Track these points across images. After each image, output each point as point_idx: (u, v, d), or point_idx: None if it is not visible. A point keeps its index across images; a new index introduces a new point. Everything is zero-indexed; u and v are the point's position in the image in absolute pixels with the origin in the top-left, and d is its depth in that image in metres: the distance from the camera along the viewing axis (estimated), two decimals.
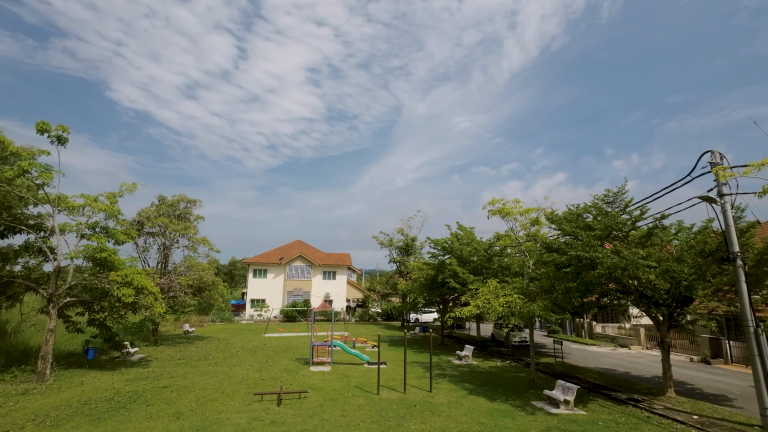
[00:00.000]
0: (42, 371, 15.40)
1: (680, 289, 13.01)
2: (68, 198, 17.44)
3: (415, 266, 29.46)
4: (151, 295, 17.52)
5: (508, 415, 12.09)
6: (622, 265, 11.51)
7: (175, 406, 12.48)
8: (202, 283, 25.83)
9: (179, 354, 22.36)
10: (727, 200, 12.37)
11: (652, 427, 11.25)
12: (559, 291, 14.10)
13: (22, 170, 14.67)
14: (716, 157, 12.73)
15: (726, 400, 14.62)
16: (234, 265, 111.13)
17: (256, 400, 13.16)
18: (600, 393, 15.09)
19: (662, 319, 14.22)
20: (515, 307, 14.50)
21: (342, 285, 50.92)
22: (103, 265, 17.27)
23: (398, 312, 44.46)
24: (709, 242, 13.55)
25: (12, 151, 15.05)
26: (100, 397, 13.38)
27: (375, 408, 12.46)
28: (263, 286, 48.68)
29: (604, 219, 13.37)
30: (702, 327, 24.35)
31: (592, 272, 12.08)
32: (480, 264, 23.92)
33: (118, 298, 16.70)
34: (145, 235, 25.84)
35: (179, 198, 27.34)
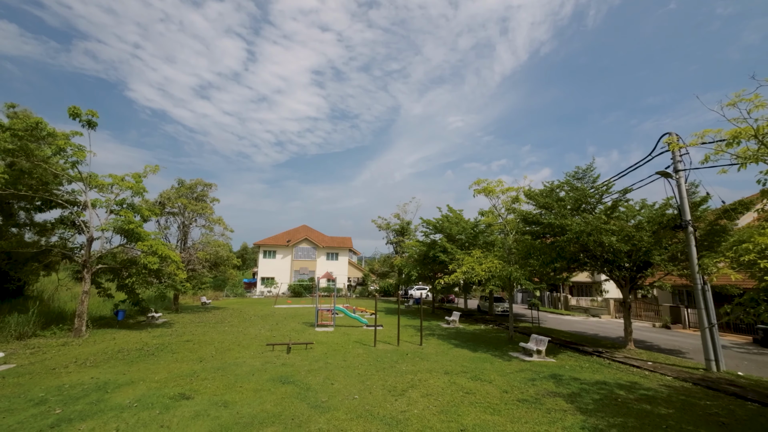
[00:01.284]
0: (79, 327, 16.00)
1: (640, 254, 13.63)
2: (98, 176, 17.90)
3: (409, 245, 30.08)
4: (174, 263, 18.08)
5: (487, 361, 12.79)
6: (588, 230, 12.09)
7: (198, 353, 13.13)
8: (218, 258, 26.39)
9: (198, 319, 23.02)
10: (681, 175, 12.93)
11: (611, 370, 11.96)
12: (534, 257, 14.71)
13: (59, 148, 15.10)
14: (673, 138, 13.25)
15: (679, 353, 15.36)
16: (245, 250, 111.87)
17: (269, 349, 13.82)
18: (569, 347, 15.81)
19: (624, 282, 14.86)
20: (495, 271, 15.12)
21: (344, 265, 51.58)
22: (130, 236, 17.78)
23: (394, 288, 45.30)
24: (666, 215, 14.15)
25: (48, 131, 15.44)
26: (131, 347, 14.03)
27: (372, 355, 13.14)
28: (272, 266, 49.32)
29: (575, 193, 13.92)
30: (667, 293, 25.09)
31: (562, 237, 12.67)
32: (467, 241, 24.52)
33: (144, 266, 17.28)
34: (166, 214, 26.32)
35: (197, 182, 27.77)
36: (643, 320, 26.77)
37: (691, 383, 10.55)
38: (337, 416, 7.45)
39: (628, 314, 15.07)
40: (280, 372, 10.65)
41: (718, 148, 9.08)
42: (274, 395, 8.63)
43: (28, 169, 15.66)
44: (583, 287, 38.51)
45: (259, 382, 9.60)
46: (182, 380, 9.75)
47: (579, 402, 8.64)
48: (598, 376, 11.06)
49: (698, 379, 10.81)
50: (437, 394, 8.94)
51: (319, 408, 7.87)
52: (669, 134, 13.51)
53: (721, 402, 9.00)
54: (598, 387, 9.91)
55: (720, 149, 8.85)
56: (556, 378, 10.71)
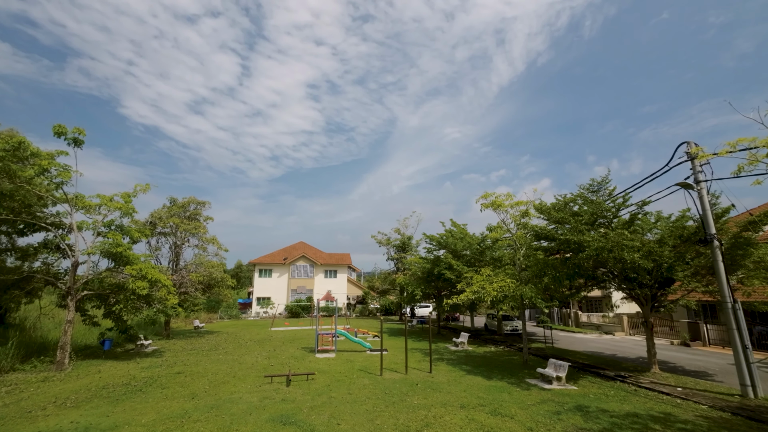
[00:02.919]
0: (61, 360, 15.17)
1: (662, 270, 13.09)
2: (85, 197, 17.31)
3: (412, 261, 29.44)
4: (164, 287, 17.37)
5: (504, 390, 12.06)
6: (608, 246, 11.58)
7: (190, 388, 12.33)
8: (212, 279, 25.64)
9: (191, 345, 22.13)
10: (703, 186, 12.52)
11: (639, 398, 11.26)
12: (549, 276, 14.14)
13: (42, 168, 14.57)
14: (692, 147, 12.88)
15: (707, 375, 14.68)
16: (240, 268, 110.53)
17: (266, 382, 13.04)
18: (589, 371, 15.09)
19: (645, 301, 14.28)
20: (508, 290, 14.51)
21: (343, 283, 50.70)
22: (118, 260, 17.10)
23: (396, 307, 44.38)
24: (687, 227, 13.68)
25: (32, 151, 14.94)
26: (117, 382, 13.20)
27: (379, 387, 12.39)
28: (268, 285, 48.39)
29: (590, 206, 13.46)
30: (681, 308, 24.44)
31: (581, 254, 12.14)
32: (473, 257, 23.94)
33: (132, 291, 16.55)
34: (157, 235, 25.66)
35: (189, 200, 27.21)
36: (659, 337, 26.03)
37: (729, 413, 9.87)
38: None
39: (651, 334, 14.43)
40: (279, 410, 9.90)
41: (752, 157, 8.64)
42: None
43: (9, 191, 15.09)
44: (593, 302, 37.79)
45: (257, 424, 8.86)
46: (172, 423, 8.99)
47: None
48: (627, 407, 10.37)
49: (736, 408, 10.14)
50: None
51: None
52: (687, 143, 13.18)
53: None
54: (631, 421, 9.21)
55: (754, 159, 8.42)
56: (582, 410, 10.01)
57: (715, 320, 23.52)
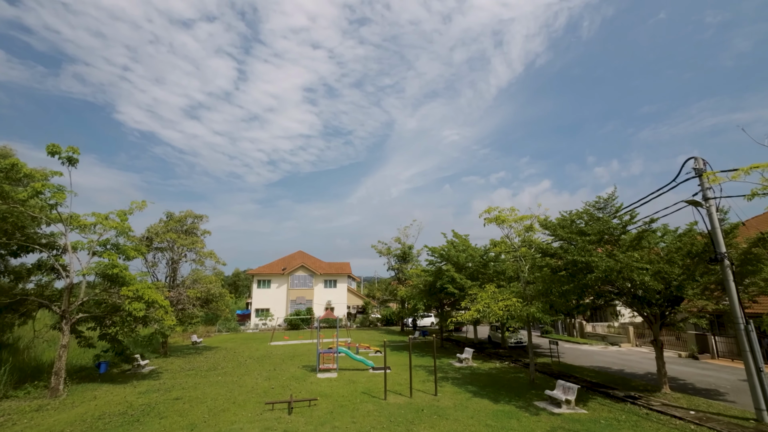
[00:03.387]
0: (55, 387, 14.84)
1: (671, 289, 12.89)
2: (80, 217, 17.07)
3: (413, 273, 29.17)
4: (161, 308, 17.07)
5: (513, 416, 11.79)
6: (617, 268, 11.39)
7: (188, 417, 12.02)
8: (210, 295, 25.32)
9: (189, 365, 21.77)
10: (712, 203, 12.35)
11: (652, 424, 11.01)
12: (555, 294, 13.93)
13: (36, 191, 14.34)
14: (699, 164, 12.73)
15: (718, 394, 14.43)
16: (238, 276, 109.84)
17: (267, 409, 12.74)
18: (598, 391, 14.82)
19: (654, 319, 14.06)
20: (515, 310, 14.29)
21: (342, 293, 50.35)
22: (114, 280, 16.84)
23: (397, 317, 44.01)
24: (695, 243, 13.51)
25: (25, 173, 14.73)
26: (113, 411, 12.88)
27: (384, 413, 12.10)
28: (267, 296, 48.01)
29: (596, 224, 13.28)
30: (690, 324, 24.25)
31: (589, 275, 11.94)
32: (476, 269, 23.71)
33: (129, 313, 16.25)
34: (153, 250, 25.39)
35: (186, 214, 26.95)
36: (667, 348, 25.75)
37: None
38: None
39: (661, 353, 14.19)
40: None
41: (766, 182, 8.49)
42: None
43: (2, 213, 14.85)
44: (597, 310, 37.55)
45: None
46: None
47: None
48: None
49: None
50: None
51: None
52: (695, 159, 13.03)
53: None
54: None
55: None
56: None
57: (723, 332, 23.29)
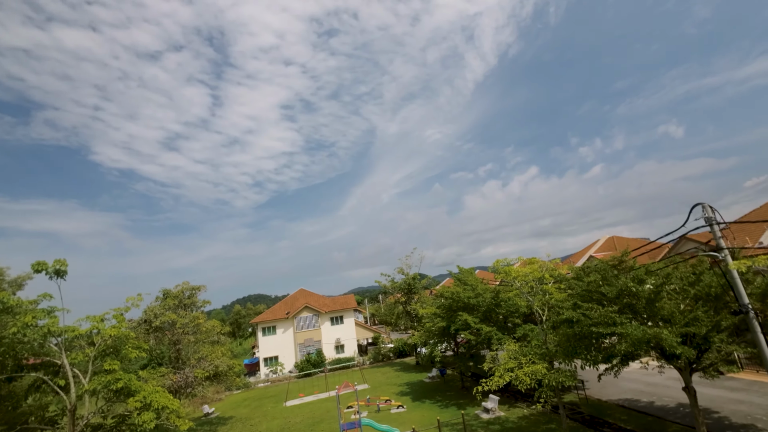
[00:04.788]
0: None
1: (697, 339, 12.77)
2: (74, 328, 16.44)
3: (424, 314, 28.83)
4: (173, 413, 16.47)
5: None
6: (647, 338, 11.24)
7: None
8: (218, 370, 24.68)
9: None
10: (727, 253, 12.28)
11: None
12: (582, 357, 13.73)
13: (26, 325, 13.75)
14: (708, 211, 12.67)
15: (755, 429, 14.31)
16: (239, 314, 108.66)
17: None
18: None
19: (684, 366, 13.92)
20: (542, 376, 14.07)
21: (350, 328, 49.76)
22: (119, 392, 16.21)
23: (410, 348, 43.52)
24: (713, 285, 13.43)
25: (12, 304, 14.15)
26: None
27: None
28: (274, 343, 47.19)
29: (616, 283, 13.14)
30: None
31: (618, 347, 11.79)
32: (488, 309, 23.44)
33: (140, 424, 15.62)
34: (153, 332, 24.71)
35: (183, 288, 26.33)
36: None
37: None
38: None
39: (695, 401, 14.01)
40: None
41: None
42: None
43: None
44: None
45: None
46: None
47: None
48: None
49: None
50: None
51: None
52: (702, 206, 12.97)
53: None
54: None
55: None
56: None
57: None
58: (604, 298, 13.24)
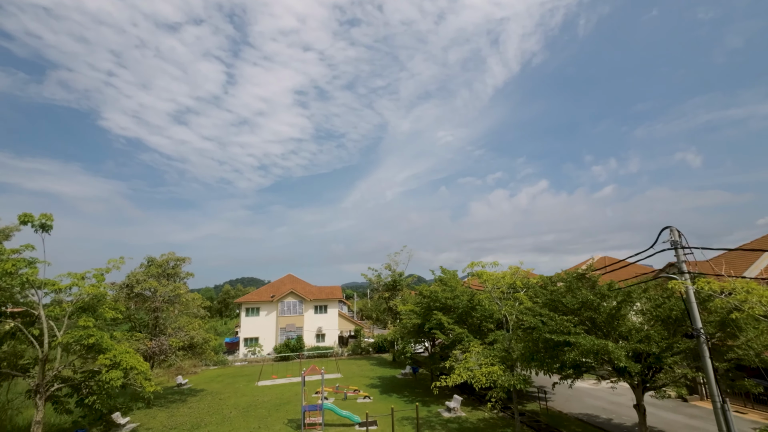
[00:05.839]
0: None
1: (650, 359, 13.26)
2: (55, 282, 17.08)
3: (402, 310, 29.38)
4: (140, 374, 17.11)
5: None
6: (595, 349, 11.74)
7: None
8: (194, 342, 25.33)
9: (171, 420, 21.71)
10: (687, 277, 12.74)
11: None
12: (538, 361, 14.24)
13: (6, 272, 14.37)
14: (675, 235, 13.13)
15: None
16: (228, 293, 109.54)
17: None
18: None
19: (636, 384, 14.42)
20: (497, 378, 14.60)
21: (333, 318, 50.43)
22: (90, 349, 16.86)
23: (389, 344, 44.12)
24: (675, 309, 13.91)
25: None
26: None
27: None
28: (256, 324, 47.89)
29: (579, 295, 13.64)
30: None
31: (569, 354, 12.29)
32: (464, 311, 23.96)
33: (107, 381, 16.27)
34: (134, 297, 25.36)
35: (168, 257, 26.98)
36: None
37: None
38: None
39: (644, 418, 14.54)
40: None
41: None
42: None
43: None
44: None
45: None
46: None
47: None
48: None
49: None
50: None
51: None
52: (670, 229, 13.43)
53: None
54: None
55: None
56: None
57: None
58: (566, 309, 13.75)
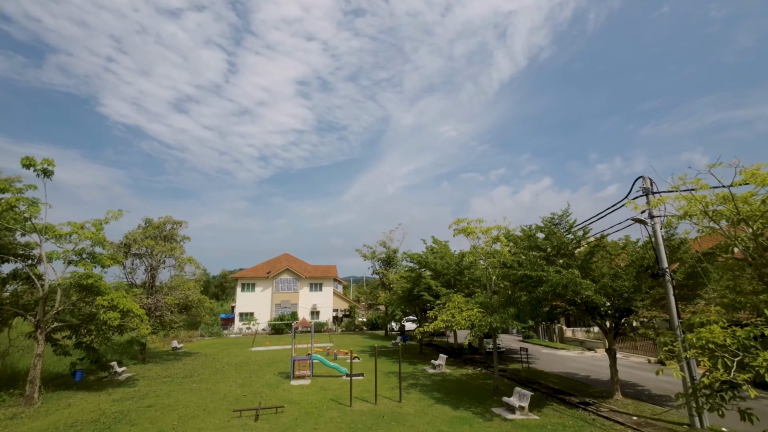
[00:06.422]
0: (30, 395, 15.67)
1: (621, 301, 14.08)
2: (55, 227, 17.83)
3: (394, 279, 30.26)
4: (136, 317, 17.94)
5: (466, 422, 12.90)
6: (563, 282, 12.53)
7: (158, 425, 12.97)
8: (189, 301, 26.17)
9: (166, 372, 22.63)
10: (657, 221, 13.53)
11: (595, 429, 12.17)
12: (516, 304, 15.06)
13: (10, 205, 15.12)
14: (647, 183, 13.90)
15: (669, 400, 15.65)
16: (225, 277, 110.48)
17: (235, 416, 13.73)
18: (556, 398, 16.01)
19: (609, 328, 15.25)
20: (475, 320, 15.42)
21: (328, 296, 51.35)
22: (89, 290, 17.66)
23: (382, 321, 45.12)
24: (647, 257, 14.70)
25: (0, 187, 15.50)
26: (86, 418, 13.78)
27: (346, 420, 13.15)
28: (251, 300, 48.83)
29: (553, 238, 14.42)
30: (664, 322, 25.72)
31: (540, 288, 13.08)
32: (452, 277, 24.81)
33: (104, 322, 17.10)
34: (132, 256, 26.16)
35: (165, 220, 27.74)
36: (640, 354, 27.16)
37: None
38: None
39: (614, 361, 15.40)
40: None
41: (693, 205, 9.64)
42: None
43: None
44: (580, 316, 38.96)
45: None
46: None
47: None
48: None
49: None
50: None
51: None
52: (642, 178, 14.20)
53: None
54: None
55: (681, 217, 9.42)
56: None
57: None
58: (543, 253, 14.52)
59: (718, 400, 7.04)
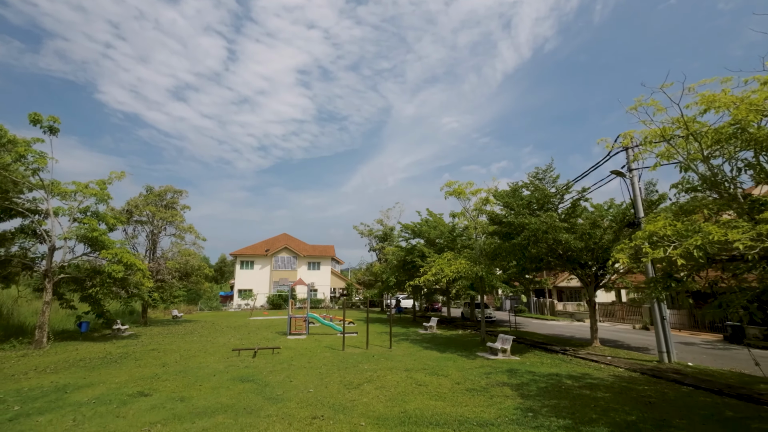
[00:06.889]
0: (39, 339, 16.58)
1: (600, 252, 14.91)
2: (61, 184, 18.62)
3: (389, 250, 31.14)
4: (139, 271, 18.81)
5: (451, 360, 13.82)
6: (543, 228, 13.33)
7: (162, 360, 13.90)
8: (189, 267, 27.05)
9: (167, 331, 23.60)
10: (635, 174, 14.30)
11: (569, 365, 13.09)
12: (501, 257, 15.89)
13: (19, 155, 15.86)
14: (627, 138, 14.63)
15: (646, 350, 16.59)
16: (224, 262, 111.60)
17: (234, 355, 14.65)
18: (538, 347, 16.95)
19: (589, 280, 16.11)
20: (463, 271, 16.28)
21: (326, 275, 52.34)
22: (94, 244, 18.49)
23: (379, 299, 46.17)
24: (628, 215, 15.50)
25: (9, 138, 16.20)
26: (94, 356, 14.71)
27: (338, 358, 14.08)
28: (250, 277, 49.83)
29: (537, 192, 15.20)
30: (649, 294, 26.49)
31: (522, 234, 13.90)
32: (446, 244, 25.64)
33: (108, 274, 17.96)
34: (133, 223, 26.97)
35: (166, 188, 28.49)
36: (626, 323, 28.16)
37: (639, 373, 11.73)
38: (289, 405, 8.38)
39: (594, 312, 16.31)
40: (241, 373, 11.53)
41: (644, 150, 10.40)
42: (232, 391, 9.52)
43: None
44: (573, 293, 39.96)
45: (219, 381, 10.48)
46: (143, 381, 10.57)
47: (524, 390, 9.72)
48: (553, 370, 12.17)
49: (647, 370, 12.00)
50: (391, 387, 9.93)
51: (273, 399, 8.80)
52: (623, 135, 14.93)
53: (658, 387, 10.18)
54: (548, 378, 11.01)
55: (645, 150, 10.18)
56: (511, 372, 11.78)
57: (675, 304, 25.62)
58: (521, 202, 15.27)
59: (668, 285, 8.09)
